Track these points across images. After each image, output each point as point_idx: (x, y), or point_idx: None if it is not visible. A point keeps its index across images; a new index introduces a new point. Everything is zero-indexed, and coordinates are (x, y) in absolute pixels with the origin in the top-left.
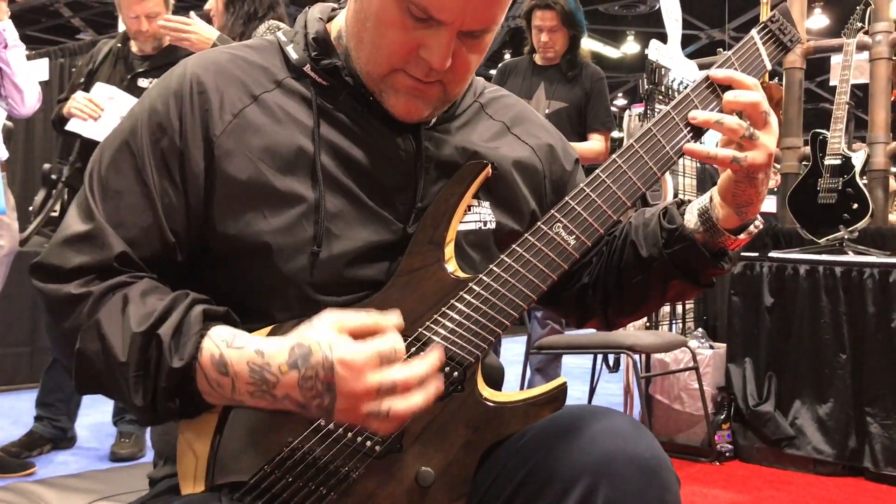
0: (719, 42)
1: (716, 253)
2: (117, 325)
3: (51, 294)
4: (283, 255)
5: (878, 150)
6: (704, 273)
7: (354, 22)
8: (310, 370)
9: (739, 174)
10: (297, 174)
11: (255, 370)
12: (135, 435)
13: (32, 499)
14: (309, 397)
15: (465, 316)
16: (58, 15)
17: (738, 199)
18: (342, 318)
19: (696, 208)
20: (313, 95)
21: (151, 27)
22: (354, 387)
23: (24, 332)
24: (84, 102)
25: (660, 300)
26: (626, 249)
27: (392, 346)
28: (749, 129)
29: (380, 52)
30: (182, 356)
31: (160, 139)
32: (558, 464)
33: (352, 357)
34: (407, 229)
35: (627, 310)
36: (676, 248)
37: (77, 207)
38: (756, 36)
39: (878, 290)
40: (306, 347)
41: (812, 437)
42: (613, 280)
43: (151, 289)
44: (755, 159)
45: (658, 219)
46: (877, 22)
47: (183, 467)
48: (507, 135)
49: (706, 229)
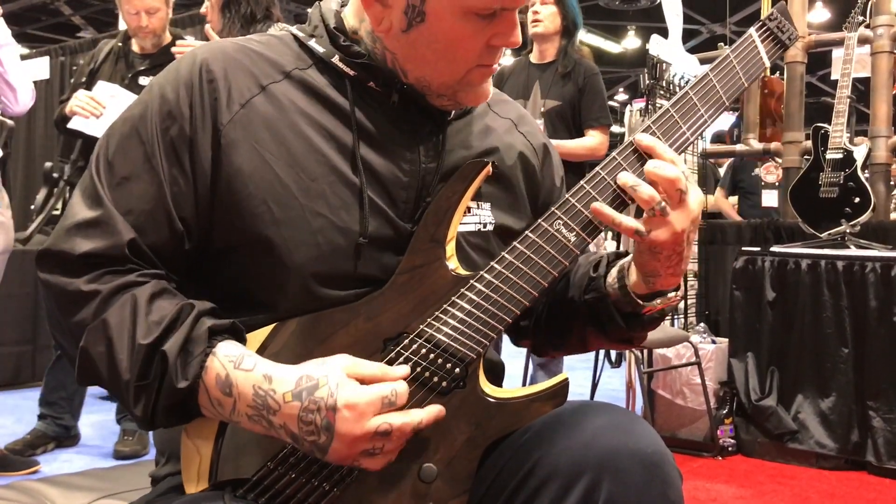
0: (720, 37)
1: (628, 314)
2: (124, 331)
3: (58, 288)
4: (286, 247)
5: (879, 143)
6: (611, 328)
7: (408, 50)
8: (312, 404)
9: (642, 246)
10: (302, 165)
11: (259, 394)
12: (138, 433)
13: (36, 497)
14: (305, 432)
15: (467, 313)
16: (58, 13)
17: (643, 268)
18: (354, 363)
19: (619, 264)
20: (348, 85)
21: (151, 23)
22: (353, 429)
23: (26, 330)
24: (86, 100)
25: (580, 343)
26: (561, 285)
27: (394, 389)
28: (661, 203)
29: (457, 64)
30: (187, 377)
31: (170, 127)
32: (561, 459)
33: (356, 399)
34: (410, 227)
35: (553, 342)
36: (589, 297)
37: (82, 194)
38: (755, 34)
39: (880, 284)
40: (314, 381)
41: (814, 431)
42: (545, 310)
43: (160, 291)
44: (658, 236)
45: (592, 264)
46: (878, 15)
47: (186, 465)
48: (514, 132)
49: (619, 287)
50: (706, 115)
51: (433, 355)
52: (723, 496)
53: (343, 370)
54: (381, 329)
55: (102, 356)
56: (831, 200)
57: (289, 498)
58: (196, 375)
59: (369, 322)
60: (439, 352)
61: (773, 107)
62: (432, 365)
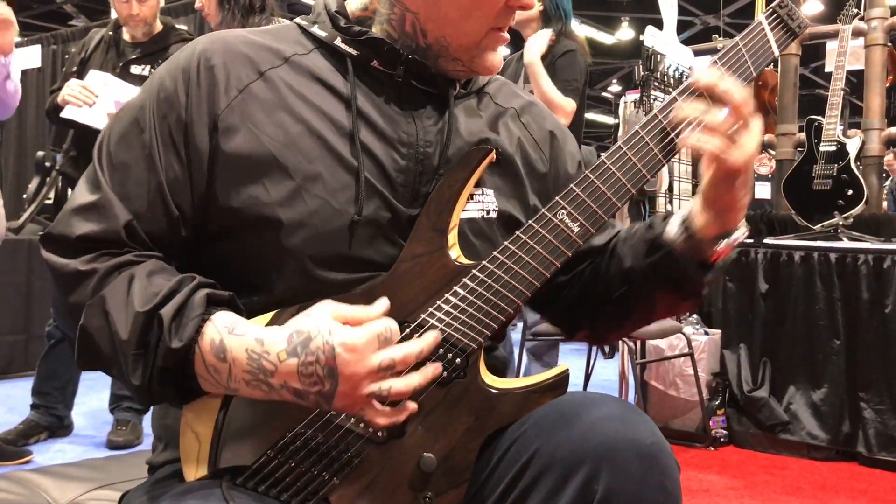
0: (714, 28)
1: (697, 264)
2: (121, 303)
3: (57, 267)
4: (284, 229)
5: (872, 136)
6: (685, 283)
7: (433, 7)
8: (310, 356)
9: (719, 175)
10: (300, 148)
11: (253, 358)
12: (131, 423)
13: (30, 487)
14: (308, 384)
15: (468, 302)
16: (50, 1)
17: (717, 203)
18: (337, 307)
19: (679, 217)
20: (349, 65)
21: (142, 11)
22: (357, 368)
23: (19, 319)
24: (78, 89)
25: (647, 314)
26: (612, 262)
27: (387, 326)
28: (733, 126)
29: (479, 20)
30: (182, 338)
31: (167, 114)
32: (559, 450)
33: (353, 340)
34: (407, 211)
35: (614, 324)
36: (656, 257)
37: (86, 180)
38: (764, 21)
39: (872, 277)
40: (305, 334)
41: (806, 422)
42: (600, 292)
43: (158, 269)
44: (736, 161)
45: (643, 230)
46: (872, 8)
47: (185, 451)
48: (515, 121)
49: (687, 237)
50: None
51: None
52: (715, 486)
53: (330, 316)
54: None
55: (101, 330)
56: (824, 193)
57: (288, 486)
58: (191, 338)
59: None
60: (440, 341)
61: (766, 99)
62: (433, 354)
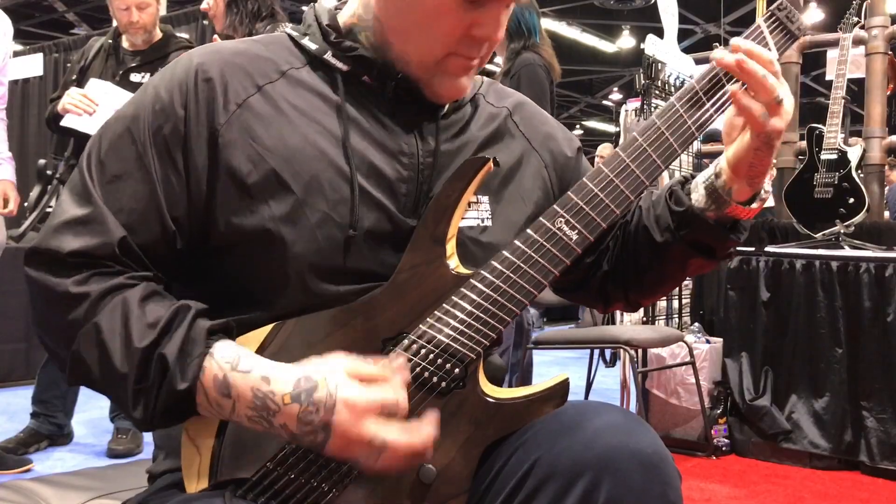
0: (715, 37)
1: (729, 228)
2: (117, 334)
3: (46, 288)
4: (286, 244)
5: (873, 144)
6: (720, 247)
7: (393, 17)
8: (312, 406)
9: (760, 140)
10: (300, 161)
11: (258, 396)
12: (132, 431)
13: (30, 496)
14: (304, 431)
15: (467, 312)
16: (52, 10)
17: (753, 168)
18: (354, 364)
19: (702, 185)
20: (339, 80)
21: (142, 19)
22: (350, 428)
23: (20, 328)
24: (79, 98)
25: (679, 278)
26: (639, 234)
27: (395, 398)
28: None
29: (435, 41)
30: (186, 378)
31: (163, 126)
32: (560, 459)
33: (355, 399)
34: (410, 222)
35: (648, 291)
36: (689, 228)
37: (71, 192)
38: (763, 25)
39: (874, 285)
40: (313, 382)
41: (808, 431)
42: (632, 265)
43: (151, 294)
44: (775, 125)
45: (665, 201)
46: (873, 16)
47: (187, 464)
48: (508, 123)
49: (716, 206)
50: (712, 108)
51: (433, 355)
52: (717, 496)
53: (343, 370)
54: (380, 328)
55: (96, 361)
56: (826, 201)
57: (288, 498)
58: (195, 377)
59: (368, 321)
60: (439, 352)
61: None
62: (432, 365)
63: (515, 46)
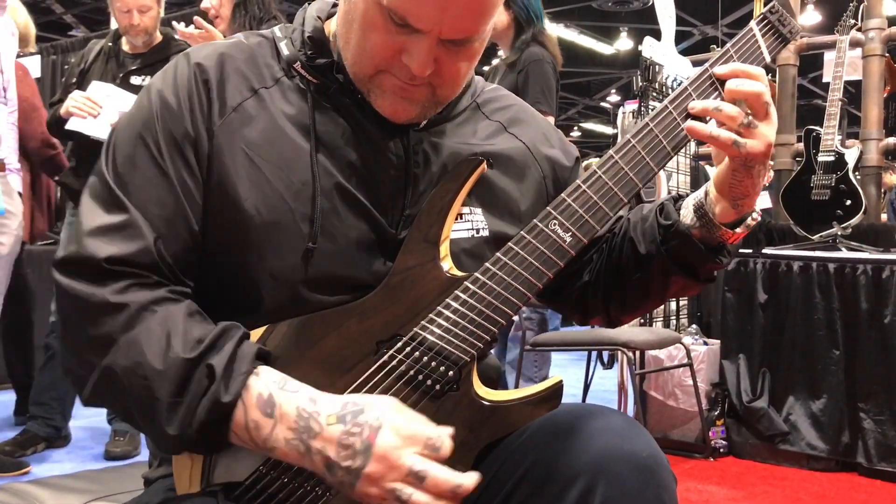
0: (712, 38)
1: (713, 248)
2: (160, 345)
3: (81, 297)
4: (274, 251)
5: (870, 146)
6: (703, 268)
7: (342, 23)
8: (356, 427)
9: (737, 162)
10: (292, 170)
11: (303, 416)
12: (129, 433)
13: (28, 499)
14: (342, 456)
15: (461, 314)
16: (50, 11)
17: (734, 190)
18: (401, 405)
19: (692, 203)
20: (309, 92)
21: (143, 21)
22: (392, 453)
23: None
24: (82, 101)
25: (661, 297)
26: (624, 246)
27: (442, 439)
28: (748, 117)
29: (364, 53)
30: (230, 392)
31: (173, 129)
32: (556, 463)
33: (401, 425)
34: (397, 235)
35: (629, 307)
36: (673, 243)
37: (95, 200)
38: (755, 28)
39: (871, 287)
40: (360, 406)
41: (806, 432)
42: (614, 278)
43: (195, 312)
44: (754, 147)
45: (655, 215)
46: (870, 18)
47: (178, 468)
48: (502, 133)
49: (702, 224)
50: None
51: (426, 358)
52: (714, 497)
53: (392, 405)
54: (374, 331)
55: (130, 372)
56: (823, 203)
57: (281, 502)
58: (238, 392)
59: (362, 324)
60: (432, 354)
61: None
62: (425, 368)
63: (525, 37)
